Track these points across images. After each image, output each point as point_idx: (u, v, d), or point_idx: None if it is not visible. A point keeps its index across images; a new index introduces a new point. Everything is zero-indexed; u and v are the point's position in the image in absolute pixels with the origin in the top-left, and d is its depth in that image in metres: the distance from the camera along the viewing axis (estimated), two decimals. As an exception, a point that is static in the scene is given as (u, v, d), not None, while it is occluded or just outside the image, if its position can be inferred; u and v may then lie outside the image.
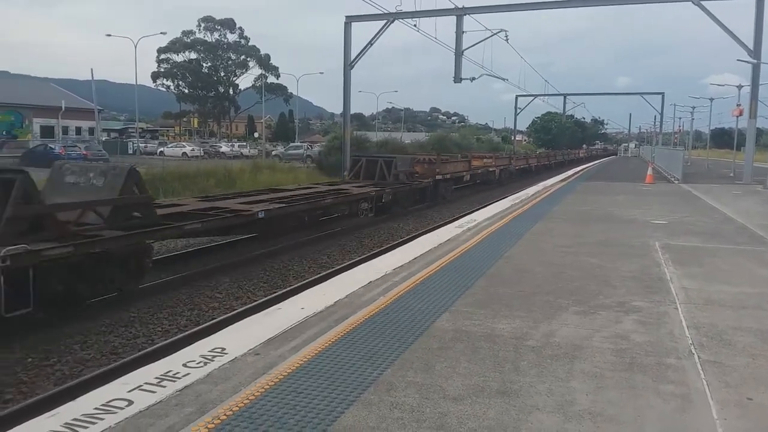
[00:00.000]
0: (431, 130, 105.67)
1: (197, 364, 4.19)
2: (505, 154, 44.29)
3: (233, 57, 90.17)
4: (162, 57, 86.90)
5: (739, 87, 36.06)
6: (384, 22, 30.43)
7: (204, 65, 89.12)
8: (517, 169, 39.24)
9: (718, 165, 47.90)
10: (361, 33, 32.09)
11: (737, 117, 33.67)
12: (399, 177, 20.59)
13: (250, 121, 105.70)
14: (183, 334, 7.60)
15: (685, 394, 3.87)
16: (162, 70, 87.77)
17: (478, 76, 33.44)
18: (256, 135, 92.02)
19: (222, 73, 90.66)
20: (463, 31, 30.37)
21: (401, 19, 29.73)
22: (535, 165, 46.55)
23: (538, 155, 55.13)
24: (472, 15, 30.06)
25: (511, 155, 42.77)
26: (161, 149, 60.27)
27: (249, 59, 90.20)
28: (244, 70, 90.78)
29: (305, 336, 4.84)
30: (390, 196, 18.67)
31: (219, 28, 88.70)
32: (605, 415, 3.54)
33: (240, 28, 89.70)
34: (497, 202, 17.50)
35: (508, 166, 36.85)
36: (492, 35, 31.23)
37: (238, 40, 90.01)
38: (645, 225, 11.76)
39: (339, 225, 16.48)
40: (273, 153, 58.03)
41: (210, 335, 5.11)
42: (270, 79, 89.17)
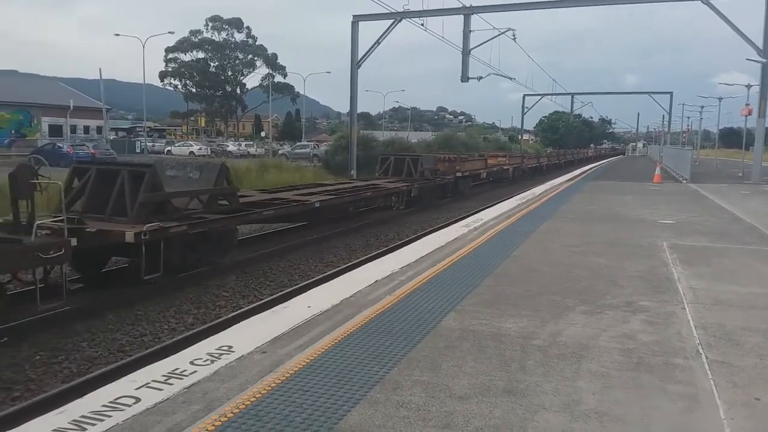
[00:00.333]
0: (438, 129, 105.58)
1: (204, 361, 4.21)
2: (518, 153, 46.01)
3: (240, 56, 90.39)
4: (170, 56, 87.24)
5: (748, 86, 35.91)
6: (391, 21, 30.40)
7: (211, 64, 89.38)
8: (529, 168, 41.05)
9: (726, 165, 47.62)
10: (369, 32, 32.09)
11: (746, 116, 33.48)
12: (424, 174, 22.19)
13: (257, 120, 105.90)
14: (190, 332, 7.63)
15: (693, 394, 3.85)
16: (170, 69, 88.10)
17: (485, 75, 33.35)
18: (263, 134, 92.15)
19: (229, 73, 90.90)
20: (471, 30, 30.29)
21: (408, 19, 29.71)
22: (546, 164, 48.38)
23: (548, 154, 57.24)
24: (479, 14, 30.00)
25: (524, 155, 44.99)
26: (169, 148, 60.50)
27: (256, 58, 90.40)
28: (251, 69, 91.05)
29: (312, 334, 4.85)
30: (417, 191, 20.70)
31: (226, 27, 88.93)
32: (612, 415, 3.53)
33: (247, 27, 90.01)
34: (504, 201, 17.47)
35: (520, 164, 38.74)
36: (499, 34, 31.14)
37: (245, 39, 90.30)
38: (653, 225, 11.71)
39: (374, 216, 18.40)
40: (280, 152, 58.14)
41: (217, 333, 5.12)
42: (277, 79, 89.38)
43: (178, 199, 10.22)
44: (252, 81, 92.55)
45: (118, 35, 70.05)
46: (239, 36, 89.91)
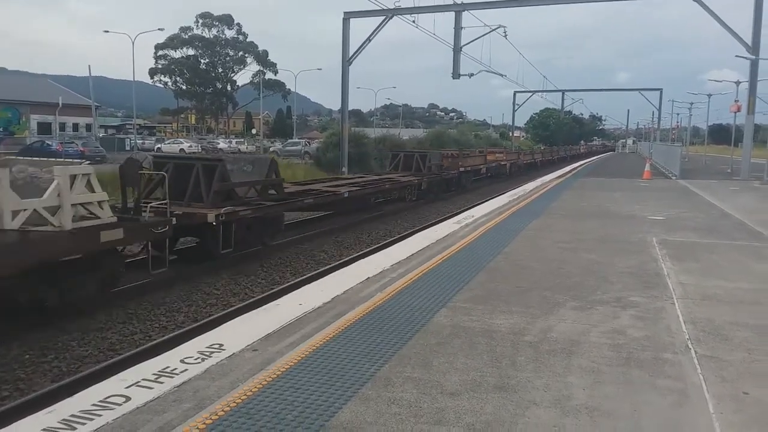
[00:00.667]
0: (429, 126, 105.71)
1: (195, 360, 4.19)
2: (515, 150, 48.67)
3: (231, 53, 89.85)
4: (160, 53, 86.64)
5: (738, 83, 36.13)
6: (382, 18, 30.35)
7: (202, 61, 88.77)
8: (525, 164, 43.61)
9: (715, 161, 47.91)
10: (360, 29, 32.06)
11: (735, 113, 33.71)
12: (432, 169, 24.26)
13: (247, 118, 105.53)
14: (181, 330, 7.60)
15: (682, 389, 3.88)
16: (160, 66, 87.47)
17: (476, 72, 33.63)
18: (253, 131, 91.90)
19: (220, 70, 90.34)
20: (462, 27, 30.29)
21: (400, 15, 29.66)
22: (540, 160, 51.14)
23: (542, 151, 59.57)
24: (470, 11, 30.01)
25: (520, 151, 47.68)
26: (159, 146, 60.12)
27: (247, 55, 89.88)
28: (242, 66, 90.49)
29: (303, 332, 4.84)
30: (426, 184, 22.88)
31: (217, 24, 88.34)
32: (602, 410, 3.55)
33: (238, 24, 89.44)
34: (496, 197, 17.52)
35: (517, 160, 41.53)
36: (490, 31, 31.20)
37: (236, 36, 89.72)
38: (642, 221, 11.78)
39: (389, 208, 20.19)
40: (271, 149, 57.92)
41: (208, 331, 5.11)
42: (268, 76, 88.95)
43: (240, 188, 11.95)
44: (243, 78, 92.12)
45: (107, 32, 69.10)
46: (230, 33, 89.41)
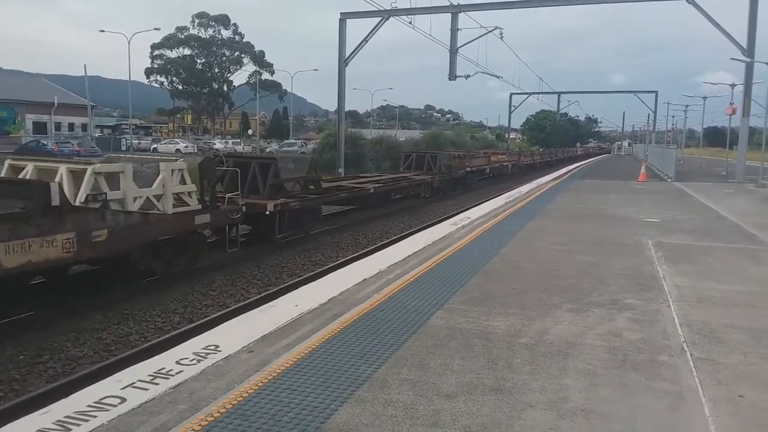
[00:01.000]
0: (426, 127, 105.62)
1: (190, 361, 4.18)
2: (516, 152, 51.22)
3: (227, 53, 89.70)
4: (156, 53, 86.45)
5: (733, 86, 36.26)
6: (379, 18, 30.36)
7: (198, 61, 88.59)
8: (525, 165, 45.98)
9: (710, 163, 48.07)
10: (357, 30, 32.06)
11: (730, 116, 33.80)
12: (441, 168, 26.10)
13: (244, 118, 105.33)
14: (176, 331, 7.58)
15: (678, 391, 3.89)
16: (156, 66, 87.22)
17: (473, 73, 33.67)
18: (250, 132, 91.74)
19: (216, 70, 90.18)
20: (458, 29, 30.33)
21: (396, 16, 29.68)
22: (539, 161, 53.33)
23: (541, 153, 61.95)
24: (467, 12, 30.06)
25: (520, 153, 50.53)
26: (155, 146, 60.03)
27: (243, 56, 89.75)
28: (238, 66, 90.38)
29: (299, 333, 4.83)
30: (437, 182, 24.77)
31: (213, 24, 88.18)
32: (598, 412, 3.55)
33: (234, 24, 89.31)
34: (492, 199, 17.54)
35: (518, 161, 43.91)
36: (487, 33, 31.23)
37: (232, 36, 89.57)
38: (638, 223, 11.80)
39: (405, 203, 22.10)
40: (267, 150, 57.88)
41: (203, 332, 5.10)
42: (264, 76, 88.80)
43: (288, 183, 14.08)
44: (239, 78, 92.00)
45: (103, 32, 68.83)
46: (226, 33, 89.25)
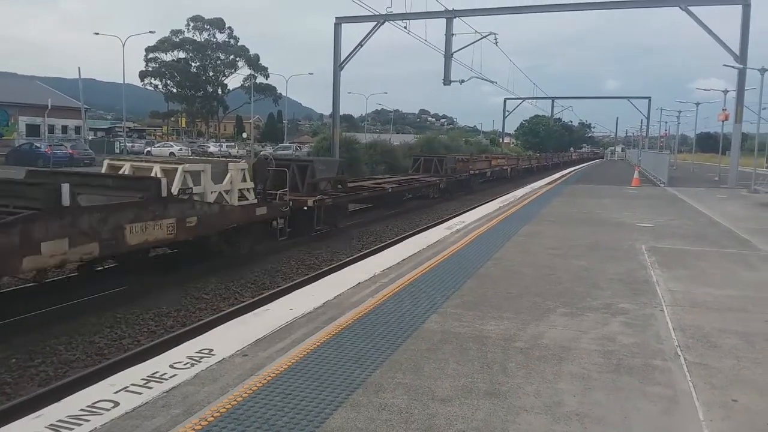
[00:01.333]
0: (420, 131, 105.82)
1: (184, 365, 4.16)
2: (515, 156, 53.75)
3: (222, 57, 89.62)
4: (150, 56, 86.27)
5: (725, 92, 36.47)
6: (374, 23, 30.45)
7: (192, 65, 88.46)
8: (523, 168, 48.74)
9: (703, 169, 48.32)
10: (352, 34, 32.08)
11: (723, 122, 33.99)
12: (447, 171, 27.92)
13: (238, 122, 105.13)
14: (170, 335, 7.54)
15: (672, 395, 3.90)
16: (150, 69, 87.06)
17: (467, 78, 33.98)
18: (244, 135, 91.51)
19: (211, 73, 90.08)
20: (453, 34, 30.47)
21: (391, 21, 29.76)
22: (536, 165, 56.18)
23: (538, 157, 64.54)
24: (461, 18, 30.16)
25: (519, 157, 53.37)
26: (148, 149, 59.82)
27: (238, 59, 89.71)
28: (233, 70, 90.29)
29: (294, 337, 4.82)
30: (444, 184, 26.89)
31: (208, 27, 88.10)
32: (593, 417, 3.56)
33: (229, 27, 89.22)
34: (486, 203, 17.58)
35: (516, 165, 46.69)
36: (481, 38, 31.35)
37: (227, 39, 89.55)
38: (632, 228, 11.85)
39: (414, 203, 23.81)
40: (261, 153, 57.77)
41: (197, 336, 5.07)
42: (259, 80, 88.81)
43: (321, 182, 15.80)
44: (234, 82, 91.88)
45: (97, 34, 68.73)
46: (221, 36, 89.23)
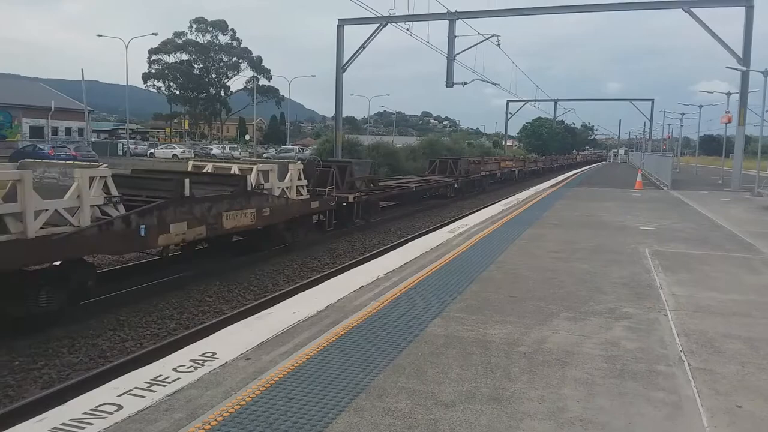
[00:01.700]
0: (423, 134, 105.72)
1: (187, 368, 4.16)
2: (522, 158, 56.17)
3: (225, 59, 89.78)
4: (153, 58, 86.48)
5: (728, 94, 36.39)
6: (377, 25, 30.46)
7: (195, 67, 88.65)
8: (529, 170, 51.12)
9: (706, 172, 48.24)
10: (354, 36, 32.12)
11: (726, 124, 33.96)
12: (461, 172, 29.61)
13: (241, 124, 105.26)
14: (173, 338, 7.54)
15: (676, 401, 3.89)
16: (153, 71, 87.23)
17: (470, 80, 34.05)
18: (247, 137, 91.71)
19: (213, 75, 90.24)
20: (456, 36, 30.48)
21: (394, 23, 29.78)
22: (542, 167, 58.42)
23: (543, 159, 66.38)
24: (464, 20, 30.18)
25: (526, 159, 55.70)
26: (151, 151, 60.01)
27: (241, 61, 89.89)
28: (235, 71, 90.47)
29: (297, 341, 4.82)
30: (459, 184, 28.82)
31: (211, 29, 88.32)
32: (596, 422, 3.55)
33: (232, 29, 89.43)
34: (488, 206, 17.58)
35: (523, 167, 49.18)
36: (484, 40, 31.36)
37: (230, 41, 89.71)
38: (635, 231, 11.82)
39: (432, 203, 25.21)
40: (264, 155, 57.87)
41: (200, 339, 5.07)
42: (262, 82, 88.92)
43: (357, 181, 17.50)
44: (236, 84, 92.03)
45: (100, 36, 69.12)
46: (224, 38, 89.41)
